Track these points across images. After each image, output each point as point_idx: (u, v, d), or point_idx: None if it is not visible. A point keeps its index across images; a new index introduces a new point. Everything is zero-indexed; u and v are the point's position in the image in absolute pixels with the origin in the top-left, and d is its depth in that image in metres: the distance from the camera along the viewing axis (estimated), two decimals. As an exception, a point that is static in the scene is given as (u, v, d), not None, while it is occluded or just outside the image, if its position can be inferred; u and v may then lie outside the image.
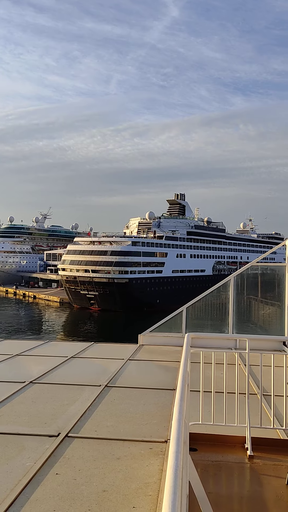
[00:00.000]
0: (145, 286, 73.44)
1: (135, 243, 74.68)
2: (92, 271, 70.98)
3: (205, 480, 4.39)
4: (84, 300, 72.60)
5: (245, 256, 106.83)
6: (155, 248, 78.58)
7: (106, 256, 71.74)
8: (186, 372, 4.13)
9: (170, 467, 2.14)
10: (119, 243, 74.72)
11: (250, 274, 12.43)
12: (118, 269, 70.62)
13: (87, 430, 5.26)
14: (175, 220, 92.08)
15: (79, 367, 9.01)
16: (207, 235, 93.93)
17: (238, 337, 10.01)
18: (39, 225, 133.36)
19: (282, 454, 4.92)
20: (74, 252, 75.75)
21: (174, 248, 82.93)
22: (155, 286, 75.58)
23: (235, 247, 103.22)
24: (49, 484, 3.93)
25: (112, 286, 69.86)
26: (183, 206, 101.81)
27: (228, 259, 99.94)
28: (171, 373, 8.10)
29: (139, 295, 70.71)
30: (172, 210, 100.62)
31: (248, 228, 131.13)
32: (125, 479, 4.01)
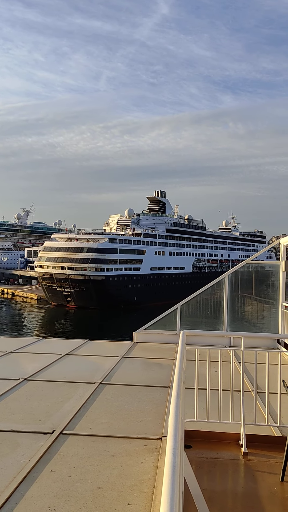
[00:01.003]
0: (122, 283, 73.00)
1: (112, 240, 74.16)
2: (68, 268, 70.37)
3: (200, 477, 4.41)
4: (61, 298, 71.98)
5: (226, 253, 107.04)
6: (133, 245, 78.14)
7: (82, 253, 71.16)
8: (181, 369, 4.16)
9: (167, 464, 2.13)
10: (96, 240, 74.15)
11: (244, 272, 12.49)
12: (94, 266, 70.07)
13: (81, 427, 5.28)
14: (154, 217, 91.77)
15: (74, 365, 8.99)
16: (187, 232, 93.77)
17: (232, 335, 10.05)
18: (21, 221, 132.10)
19: (276, 451, 4.96)
20: (50, 248, 75.01)
21: (153, 246, 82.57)
22: (133, 284, 75.20)
23: (215, 244, 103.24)
24: (43, 481, 3.93)
25: (88, 283, 69.34)
26: (164, 203, 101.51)
27: (208, 256, 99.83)
28: (165, 370, 8.19)
29: (116, 293, 70.30)
30: (152, 207, 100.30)
31: (230, 226, 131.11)
32: (120, 476, 4.03)
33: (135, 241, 79.29)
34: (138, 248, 78.94)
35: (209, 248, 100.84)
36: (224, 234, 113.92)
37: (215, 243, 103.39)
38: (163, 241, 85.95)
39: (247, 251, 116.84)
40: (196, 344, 5.97)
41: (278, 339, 10.67)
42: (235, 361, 6.86)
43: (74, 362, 9.19)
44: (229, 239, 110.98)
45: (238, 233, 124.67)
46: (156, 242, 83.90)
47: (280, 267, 11.13)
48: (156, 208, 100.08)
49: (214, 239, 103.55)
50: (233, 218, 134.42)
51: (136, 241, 79.60)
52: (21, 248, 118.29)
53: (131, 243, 78.34)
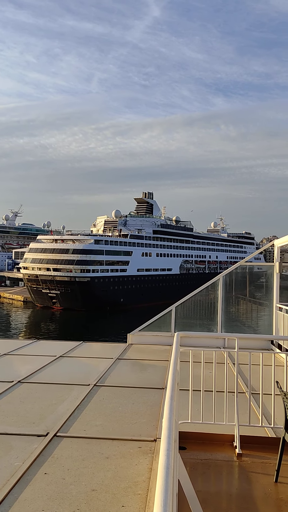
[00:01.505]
0: (108, 284, 72.65)
1: (98, 242, 73.83)
2: (53, 269, 69.90)
3: (194, 479, 4.44)
4: (46, 299, 71.47)
5: (214, 255, 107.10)
6: (119, 246, 77.84)
7: (67, 255, 70.72)
8: (176, 370, 4.16)
9: (161, 466, 2.14)
10: (82, 242, 73.77)
11: (238, 274, 12.64)
12: (79, 268, 69.73)
13: (76, 429, 5.28)
14: (141, 219, 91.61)
15: (68, 367, 9.00)
16: (174, 233, 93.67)
17: (227, 336, 10.12)
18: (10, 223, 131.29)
19: (270, 452, 4.99)
20: (36, 250, 74.51)
21: (140, 247, 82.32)
22: (119, 285, 74.87)
23: (203, 246, 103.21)
24: (37, 484, 3.92)
25: (74, 284, 68.92)
26: (151, 204, 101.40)
27: (196, 258, 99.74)
28: (160, 372, 8.20)
29: (102, 294, 69.93)
30: (140, 209, 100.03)
31: (219, 227, 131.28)
32: (114, 478, 4.03)
33: (121, 242, 78.97)
34: (124, 249, 78.62)
35: (197, 249, 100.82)
36: (212, 235, 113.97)
37: (203, 244, 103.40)
38: (150, 242, 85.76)
39: (236, 252, 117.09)
40: (190, 346, 5.97)
41: (272, 340, 10.75)
42: (230, 362, 6.86)
43: (69, 364, 9.17)
44: (217, 241, 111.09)
45: (227, 234, 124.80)
46: (143, 243, 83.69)
47: (274, 268, 11.16)
48: (144, 209, 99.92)
49: (202, 240, 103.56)
50: (221, 219, 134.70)
51: (123, 242, 79.29)
52: (9, 250, 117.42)
53: (118, 244, 78.04)
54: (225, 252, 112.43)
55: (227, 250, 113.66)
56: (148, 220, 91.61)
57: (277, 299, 11.10)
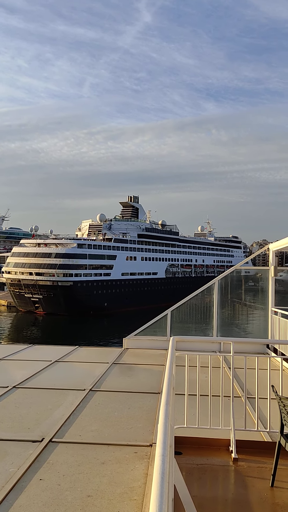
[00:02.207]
0: (92, 289, 72.20)
1: (81, 246, 73.39)
2: (36, 273, 69.32)
3: (190, 484, 4.43)
4: (29, 304, 70.81)
5: (200, 259, 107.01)
6: (103, 250, 77.42)
7: (50, 259, 70.19)
8: (171, 375, 4.15)
9: (156, 471, 2.15)
10: (65, 246, 73.30)
11: (234, 277, 12.68)
12: (62, 272, 69.17)
13: (71, 434, 5.26)
14: (126, 223, 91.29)
15: (63, 371, 9.00)
16: (159, 237, 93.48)
17: (222, 340, 10.15)
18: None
19: (266, 456, 4.98)
20: (19, 254, 73.83)
21: (124, 251, 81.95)
22: (103, 289, 74.44)
23: (189, 250, 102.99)
24: (32, 490, 3.90)
25: (56, 289, 68.41)
26: (136, 208, 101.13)
27: (182, 261, 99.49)
28: (156, 376, 8.19)
29: (85, 298, 69.47)
30: (125, 213, 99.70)
31: (206, 231, 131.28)
32: (110, 484, 4.01)
33: (105, 246, 78.58)
34: (108, 253, 78.22)
35: (183, 253, 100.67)
36: (198, 239, 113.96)
37: (189, 248, 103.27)
38: (135, 246, 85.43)
39: (223, 256, 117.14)
40: (186, 350, 5.98)
41: (268, 344, 10.78)
42: (225, 366, 6.86)
43: (64, 369, 9.16)
44: (203, 244, 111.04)
45: (214, 238, 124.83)
46: (127, 247, 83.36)
47: (269, 272, 11.22)
48: (129, 213, 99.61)
49: (188, 244, 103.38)
50: (208, 223, 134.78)
51: (107, 246, 78.89)
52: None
53: (101, 248, 77.60)
54: (212, 256, 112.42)
55: (214, 254, 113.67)
56: (133, 224, 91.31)
57: (272, 303, 11.16)
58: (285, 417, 4.44)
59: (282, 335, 10.07)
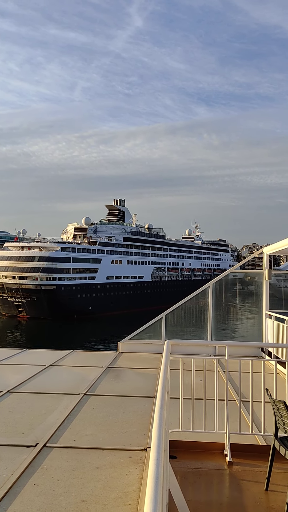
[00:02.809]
0: (76, 292, 71.80)
1: (64, 249, 73.01)
2: (19, 277, 68.78)
3: (184, 488, 4.44)
4: (13, 308, 70.28)
5: (187, 262, 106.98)
6: (88, 254, 77.09)
7: (33, 262, 69.77)
8: (166, 379, 4.16)
9: (150, 475, 2.17)
10: (48, 249, 72.77)
11: (228, 281, 12.50)
12: (45, 275, 68.84)
13: (65, 439, 5.24)
14: (111, 226, 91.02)
15: (58, 376, 9.00)
16: (145, 241, 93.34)
17: (217, 344, 10.17)
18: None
19: (261, 459, 5.00)
20: (2, 258, 73.21)
21: (109, 254, 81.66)
22: (87, 293, 74.08)
23: (176, 253, 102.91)
24: (26, 495, 3.88)
25: (39, 293, 67.98)
26: (123, 212, 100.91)
27: (168, 265, 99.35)
28: (150, 380, 8.19)
29: (69, 302, 69.07)
30: (111, 216, 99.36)
31: (193, 234, 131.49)
32: (105, 489, 4.01)
33: (90, 250, 78.24)
34: (93, 257, 77.88)
35: (169, 256, 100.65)
36: (185, 242, 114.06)
37: (175, 251, 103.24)
38: (120, 249, 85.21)
39: (210, 259, 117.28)
40: (181, 354, 6.04)
41: (262, 348, 10.80)
42: (220, 370, 6.85)
43: (58, 373, 9.17)
44: (190, 248, 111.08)
45: (201, 241, 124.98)
46: (112, 250, 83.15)
47: (263, 276, 11.25)
48: (115, 216, 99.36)
49: (174, 247, 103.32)
50: (196, 227, 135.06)
51: (91, 250, 78.60)
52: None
53: (86, 251, 77.20)
54: (199, 259, 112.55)
55: (201, 258, 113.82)
56: (119, 227, 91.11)
57: (266, 306, 11.19)
58: (279, 420, 4.46)
59: (276, 338, 10.11)
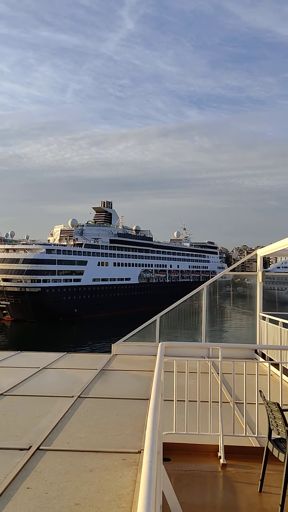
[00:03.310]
0: (61, 295, 71.49)
1: (49, 251, 72.71)
2: (3, 279, 68.31)
3: (178, 490, 4.45)
4: (-3, 310, 69.38)
5: (175, 264, 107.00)
6: (73, 256, 76.80)
7: (18, 264, 69.44)
8: (159, 381, 4.18)
9: (143, 478, 2.17)
10: (33, 251, 72.41)
11: (222, 283, 12.54)
12: (30, 278, 68.47)
13: (59, 442, 5.23)
14: (98, 228, 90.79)
15: (51, 378, 8.98)
16: (132, 243, 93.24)
17: (211, 346, 10.19)
18: None
19: (255, 461, 5.02)
20: (-15, 260, 72.30)
21: (95, 256, 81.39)
22: (73, 295, 73.76)
23: (164, 255, 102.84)
24: (19, 498, 3.87)
25: (24, 295, 67.72)
26: (110, 214, 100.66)
27: (156, 267, 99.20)
28: (144, 382, 8.14)
29: (54, 304, 68.76)
30: (98, 218, 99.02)
31: (182, 237, 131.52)
32: (98, 492, 4.00)
33: (75, 252, 77.92)
34: (79, 259, 77.58)
35: (157, 258, 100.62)
36: (173, 244, 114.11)
37: (163, 253, 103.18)
38: (107, 251, 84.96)
39: (198, 261, 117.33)
40: (174, 356, 5.98)
41: (256, 350, 10.83)
42: (214, 372, 6.91)
43: (52, 375, 9.15)
44: (178, 250, 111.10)
45: (189, 243, 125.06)
46: (99, 252, 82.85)
47: (257, 278, 11.27)
48: (102, 218, 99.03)
49: (162, 249, 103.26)
50: (184, 229, 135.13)
51: (77, 252, 78.26)
52: None
53: (71, 253, 76.82)
54: (187, 261, 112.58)
55: (189, 260, 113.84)
56: (105, 229, 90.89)
57: (260, 308, 11.21)
58: (272, 422, 4.46)
59: (270, 340, 10.14)
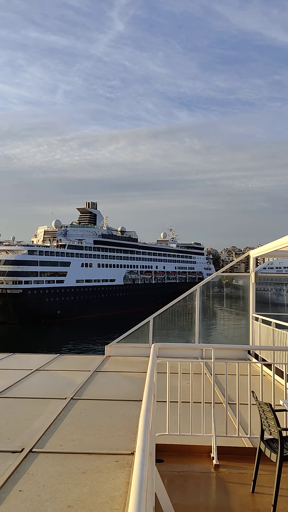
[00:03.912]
0: (43, 296, 71.04)
1: (32, 252, 72.34)
2: (-16, 281, 67.21)
3: (171, 491, 4.47)
4: (-22, 312, 68.59)
5: (161, 265, 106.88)
6: (56, 257, 76.41)
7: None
8: (152, 382, 4.18)
9: (135, 479, 2.18)
10: (15, 252, 71.87)
11: (215, 284, 12.46)
12: (11, 279, 67.87)
13: (51, 444, 5.22)
14: (82, 229, 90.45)
15: (44, 380, 8.95)
16: (117, 244, 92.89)
17: (204, 347, 10.25)
18: None
19: (247, 462, 5.05)
20: None
21: (79, 257, 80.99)
22: (56, 297, 73.31)
23: (149, 256, 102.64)
24: (12, 501, 3.85)
25: (5, 296, 67.10)
26: (94, 215, 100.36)
27: (141, 268, 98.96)
28: (138, 384, 8.11)
29: (36, 306, 68.33)
30: (83, 219, 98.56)
31: (168, 238, 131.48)
32: (91, 494, 4.00)
33: (58, 253, 77.43)
34: (62, 260, 77.17)
35: (142, 259, 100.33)
36: (159, 245, 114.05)
37: (148, 254, 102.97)
38: (91, 252, 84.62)
39: (184, 262, 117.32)
40: (168, 357, 6.01)
41: (249, 350, 10.92)
42: (207, 373, 6.98)
43: (45, 377, 9.13)
44: (164, 251, 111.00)
45: (176, 245, 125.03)
46: (82, 253, 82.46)
47: (249, 279, 11.39)
48: (87, 219, 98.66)
49: (147, 250, 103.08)
50: (171, 230, 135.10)
51: (60, 253, 77.76)
52: None
53: (54, 254, 76.26)
54: (173, 262, 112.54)
55: (175, 260, 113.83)
56: (89, 230, 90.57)
57: (253, 309, 11.29)
58: (264, 422, 4.50)
59: (262, 341, 10.23)
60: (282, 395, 6.00)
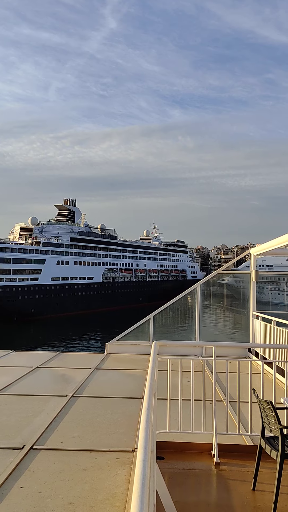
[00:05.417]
0: (16, 294, 70.41)
1: (3, 249, 71.58)
2: None
3: (172, 489, 4.51)
4: None
5: (142, 263, 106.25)
6: (30, 254, 75.71)
7: None
8: (153, 380, 4.22)
9: (137, 477, 2.21)
10: (-14, 249, 70.60)
11: (216, 282, 11.94)
12: (-19, 277, 66.44)
13: (52, 441, 5.26)
14: (58, 226, 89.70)
15: (45, 377, 8.99)
16: (94, 241, 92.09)
17: (204, 344, 10.30)
18: None
19: (248, 459, 5.11)
20: None
21: (54, 255, 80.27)
22: (29, 294, 72.66)
23: (129, 254, 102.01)
24: (13, 498, 3.88)
25: (-24, 295, 65.60)
26: (73, 212, 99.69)
27: (121, 266, 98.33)
28: (138, 381, 8.22)
29: (8, 304, 67.37)
30: (61, 216, 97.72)
31: (151, 235, 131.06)
32: (92, 491, 4.03)
33: (32, 250, 76.55)
34: (36, 257, 76.45)
35: (122, 257, 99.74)
36: (140, 243, 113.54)
37: (129, 252, 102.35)
38: (67, 250, 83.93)
39: (167, 260, 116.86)
40: (168, 354, 6.05)
41: (249, 348, 10.98)
42: (207, 370, 7.00)
43: (46, 374, 9.18)
44: (145, 249, 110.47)
45: (159, 242, 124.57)
46: (58, 251, 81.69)
47: (250, 277, 11.42)
48: (65, 216, 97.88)
49: (128, 248, 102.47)
50: (154, 227, 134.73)
51: (34, 250, 76.95)
52: None
53: (28, 252, 75.42)
54: (155, 260, 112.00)
55: (157, 258, 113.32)
56: (66, 228, 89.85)
57: (253, 307, 11.37)
58: (265, 420, 4.55)
59: (263, 338, 10.31)
60: (283, 393, 6.04)
